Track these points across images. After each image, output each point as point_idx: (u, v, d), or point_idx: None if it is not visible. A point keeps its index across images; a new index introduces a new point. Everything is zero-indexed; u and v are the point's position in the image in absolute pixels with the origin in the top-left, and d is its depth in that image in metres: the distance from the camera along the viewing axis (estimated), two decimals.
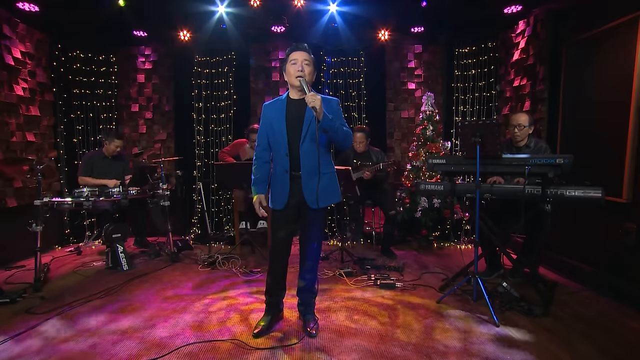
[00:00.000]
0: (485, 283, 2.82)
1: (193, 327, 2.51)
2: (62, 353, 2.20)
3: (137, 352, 2.20)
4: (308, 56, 2.28)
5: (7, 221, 3.97)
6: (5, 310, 2.77)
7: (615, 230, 3.02)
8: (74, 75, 5.05)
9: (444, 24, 4.85)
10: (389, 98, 5.39)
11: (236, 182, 4.05)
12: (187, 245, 4.52)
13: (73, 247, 4.57)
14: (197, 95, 5.29)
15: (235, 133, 5.23)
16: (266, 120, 2.39)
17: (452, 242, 4.67)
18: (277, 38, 5.13)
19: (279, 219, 2.41)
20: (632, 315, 2.64)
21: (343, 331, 2.45)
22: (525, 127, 3.20)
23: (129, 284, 3.33)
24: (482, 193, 2.89)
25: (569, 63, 3.76)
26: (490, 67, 4.94)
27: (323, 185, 2.31)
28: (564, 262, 3.51)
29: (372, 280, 3.33)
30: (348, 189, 3.73)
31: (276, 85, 5.33)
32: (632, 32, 2.97)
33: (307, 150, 2.29)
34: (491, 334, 2.39)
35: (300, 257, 2.49)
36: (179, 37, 4.83)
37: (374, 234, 4.74)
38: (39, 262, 3.23)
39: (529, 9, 4.14)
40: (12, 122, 4.12)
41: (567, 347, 2.23)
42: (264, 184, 2.46)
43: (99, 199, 3.69)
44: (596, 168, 3.30)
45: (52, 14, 4.19)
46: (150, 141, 5.42)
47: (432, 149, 4.60)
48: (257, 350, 2.22)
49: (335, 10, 4.36)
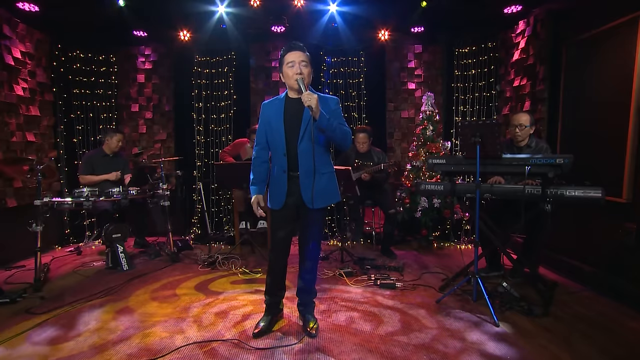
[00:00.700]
0: (485, 282, 2.82)
1: (193, 327, 2.51)
2: (62, 353, 2.20)
3: (137, 352, 2.20)
4: (305, 56, 2.25)
5: (7, 221, 3.97)
6: (5, 310, 2.77)
7: (615, 230, 3.02)
8: (74, 75, 5.05)
9: (444, 24, 4.85)
10: (389, 98, 5.39)
11: (236, 182, 4.05)
12: (187, 245, 4.52)
13: (73, 247, 4.57)
14: (197, 95, 5.29)
15: (235, 133, 5.24)
16: (265, 120, 2.38)
17: (452, 242, 4.67)
18: (277, 38, 5.12)
19: (277, 219, 2.41)
20: (632, 315, 2.65)
21: (343, 331, 2.45)
22: (527, 127, 3.20)
23: (129, 284, 3.33)
24: (482, 193, 2.89)
25: (569, 63, 3.76)
26: (490, 67, 4.94)
27: (321, 185, 2.30)
28: (564, 262, 3.51)
29: (372, 280, 3.33)
30: (348, 189, 3.73)
31: (276, 85, 5.33)
32: (632, 32, 2.97)
33: (305, 150, 2.26)
34: (491, 334, 2.39)
35: (300, 258, 2.48)
36: (179, 37, 4.83)
37: (374, 234, 4.74)
38: (39, 262, 3.23)
39: (529, 9, 4.14)
40: (12, 122, 4.12)
41: (567, 347, 2.23)
42: (262, 184, 2.44)
43: (99, 199, 3.69)
44: (596, 168, 3.30)
45: (52, 14, 4.19)
46: (150, 141, 5.42)
47: (432, 149, 4.60)
48: (257, 350, 2.22)
49: (335, 10, 4.36)
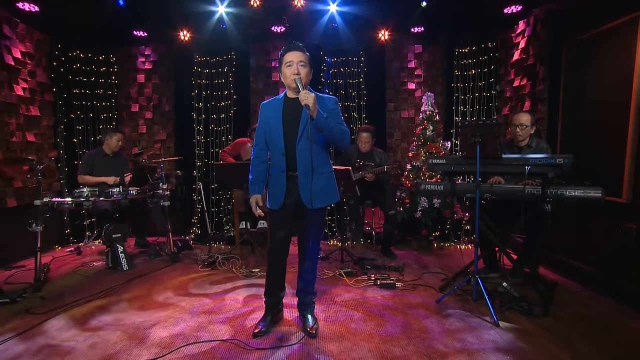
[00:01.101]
0: (485, 282, 2.82)
1: (193, 327, 2.51)
2: (62, 353, 2.20)
3: (137, 352, 2.20)
4: (303, 56, 2.24)
5: (7, 221, 3.97)
6: (5, 310, 2.77)
7: (615, 230, 3.02)
8: (74, 75, 5.05)
9: (444, 24, 4.84)
10: (389, 98, 5.39)
11: (236, 182, 4.05)
12: (187, 245, 4.52)
13: (73, 247, 4.57)
14: (197, 95, 5.29)
15: (235, 133, 5.23)
16: (264, 119, 2.38)
17: (452, 242, 4.67)
18: (277, 38, 5.12)
19: (276, 219, 2.40)
20: (632, 315, 2.65)
21: (343, 331, 2.45)
22: (527, 127, 3.20)
23: (129, 284, 3.33)
24: (482, 193, 2.89)
25: (568, 63, 3.76)
26: (490, 67, 4.94)
27: (320, 185, 2.30)
28: (564, 262, 3.51)
29: (372, 280, 3.33)
30: (348, 188, 3.73)
31: (276, 85, 5.33)
32: (632, 32, 2.96)
33: (303, 150, 2.26)
34: (491, 333, 2.39)
35: (299, 258, 2.48)
36: (179, 37, 4.83)
37: (374, 234, 4.74)
38: (39, 262, 3.23)
39: (529, 9, 4.13)
40: (12, 122, 4.12)
41: (567, 347, 2.23)
42: (261, 184, 2.44)
43: (99, 199, 3.69)
44: (596, 168, 3.30)
45: (52, 14, 4.18)
46: (150, 141, 5.42)
47: (432, 149, 4.60)
48: (257, 350, 2.22)
49: (335, 10, 4.36)
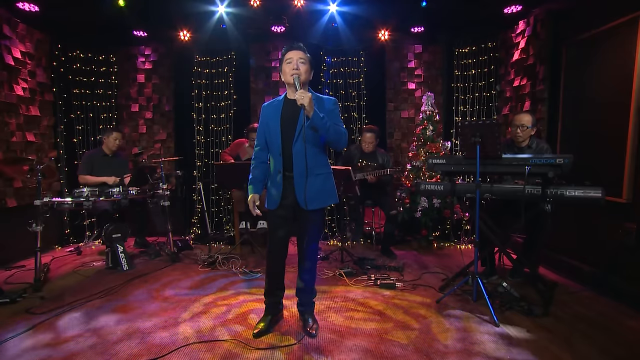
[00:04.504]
0: (485, 283, 2.82)
1: (193, 327, 2.51)
2: (62, 353, 2.20)
3: (137, 351, 2.20)
4: (303, 55, 2.27)
5: (7, 221, 3.97)
6: (5, 310, 2.77)
7: (615, 230, 3.02)
8: (74, 75, 5.05)
9: (444, 24, 4.84)
10: (389, 98, 5.38)
11: (236, 182, 4.05)
12: (187, 245, 4.52)
13: (73, 247, 4.57)
14: (197, 95, 5.29)
15: (235, 133, 5.23)
16: (264, 120, 2.39)
17: (452, 242, 4.68)
18: (277, 38, 5.12)
19: (274, 219, 2.41)
20: (631, 315, 2.65)
21: (343, 331, 2.45)
22: (528, 128, 3.19)
23: (129, 284, 3.33)
24: (482, 193, 2.89)
25: (569, 63, 3.76)
26: (490, 67, 4.94)
27: (317, 186, 2.31)
28: (564, 262, 3.51)
29: (372, 280, 3.33)
30: (348, 189, 3.73)
31: (276, 85, 5.33)
32: (632, 32, 2.96)
33: (300, 151, 2.26)
34: (491, 334, 2.39)
35: (299, 258, 2.48)
36: (179, 37, 4.83)
37: (374, 234, 4.74)
38: (39, 262, 3.23)
39: (529, 9, 4.13)
40: (12, 122, 4.11)
41: (567, 347, 2.23)
42: (260, 184, 2.45)
43: (99, 199, 3.69)
44: (596, 168, 3.30)
45: (52, 14, 4.18)
46: (150, 141, 5.42)
47: (432, 149, 4.60)
48: (257, 350, 2.22)
49: (335, 10, 4.36)
